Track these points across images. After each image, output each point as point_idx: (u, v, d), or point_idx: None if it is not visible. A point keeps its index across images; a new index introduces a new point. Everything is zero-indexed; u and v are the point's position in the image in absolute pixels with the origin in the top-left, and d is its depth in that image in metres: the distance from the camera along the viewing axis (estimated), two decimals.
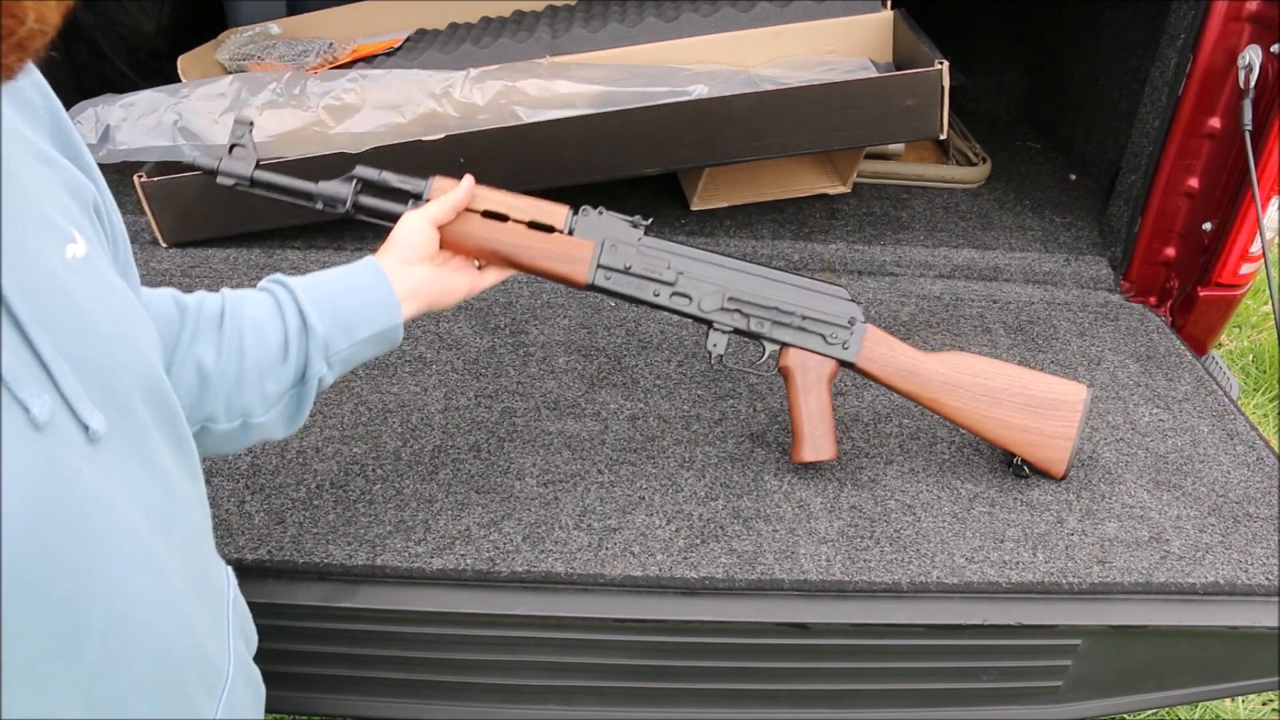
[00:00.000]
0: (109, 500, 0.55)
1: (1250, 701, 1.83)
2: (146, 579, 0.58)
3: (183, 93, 1.68)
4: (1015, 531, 1.19)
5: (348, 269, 0.96)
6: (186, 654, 0.63)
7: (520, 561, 1.11)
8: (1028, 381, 1.22)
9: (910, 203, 1.96)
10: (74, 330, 0.53)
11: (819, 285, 1.20)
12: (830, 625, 1.09)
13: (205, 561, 0.69)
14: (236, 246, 1.68)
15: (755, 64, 1.75)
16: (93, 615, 0.53)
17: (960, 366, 1.22)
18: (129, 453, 0.58)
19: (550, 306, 1.59)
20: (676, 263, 1.16)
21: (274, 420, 0.89)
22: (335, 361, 0.91)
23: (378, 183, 1.07)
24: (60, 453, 0.51)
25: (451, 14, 2.09)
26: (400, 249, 0.99)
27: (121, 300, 0.60)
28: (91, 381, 0.54)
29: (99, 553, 0.53)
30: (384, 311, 0.94)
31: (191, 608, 0.64)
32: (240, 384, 0.84)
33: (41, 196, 0.56)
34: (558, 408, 1.36)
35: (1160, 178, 1.62)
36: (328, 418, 1.32)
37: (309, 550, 1.11)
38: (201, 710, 0.66)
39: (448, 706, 1.17)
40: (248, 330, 0.85)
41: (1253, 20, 1.46)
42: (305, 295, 0.89)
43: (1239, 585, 1.13)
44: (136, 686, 0.58)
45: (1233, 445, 1.36)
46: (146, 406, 0.60)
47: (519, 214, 1.10)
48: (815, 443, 1.21)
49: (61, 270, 0.54)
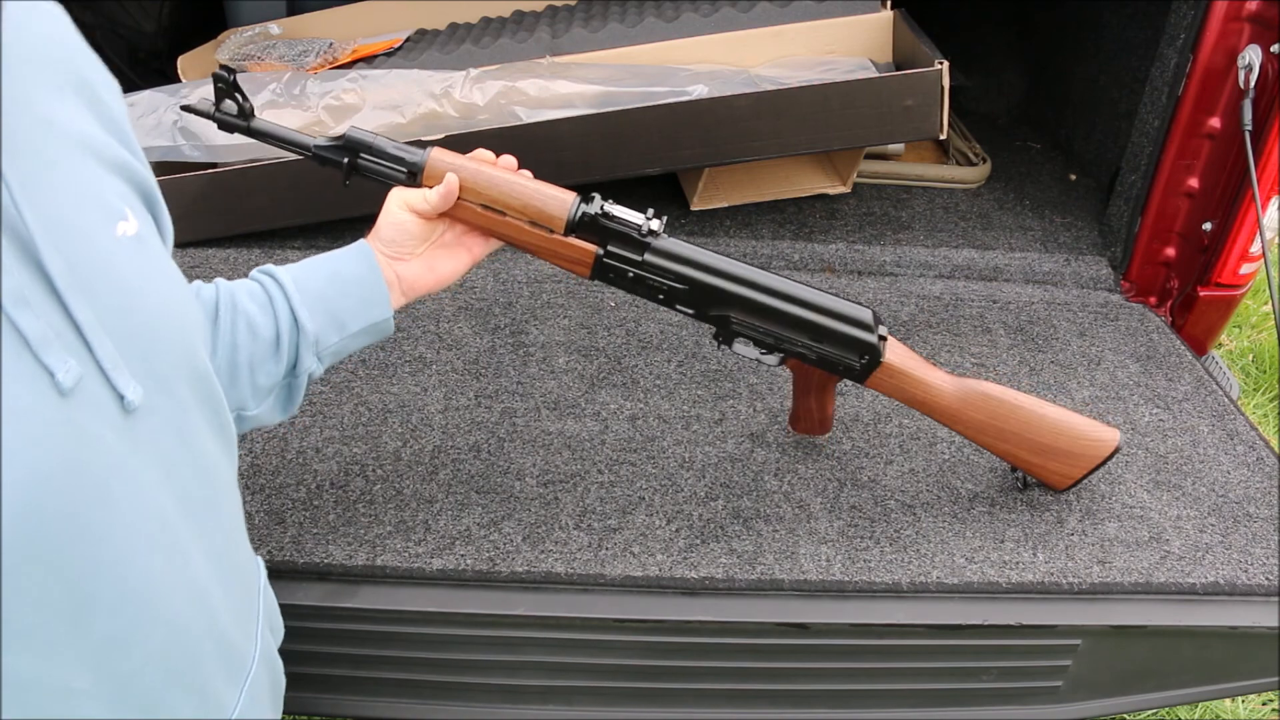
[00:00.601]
0: (134, 474, 0.55)
1: (1250, 701, 1.83)
2: (164, 557, 0.58)
3: (183, 93, 1.68)
4: (1015, 531, 1.19)
5: (340, 257, 0.94)
6: (204, 638, 0.63)
7: (520, 561, 1.11)
8: (1049, 426, 1.16)
9: (910, 203, 1.96)
10: (118, 304, 0.54)
11: (842, 309, 1.10)
12: (830, 625, 1.09)
13: (236, 548, 0.69)
14: (236, 246, 1.68)
15: (755, 64, 1.75)
16: (103, 586, 0.53)
17: (978, 405, 1.15)
18: (166, 430, 0.58)
19: (550, 306, 1.59)
20: (683, 278, 1.07)
21: (266, 411, 0.89)
22: (326, 355, 0.92)
23: (372, 148, 0.99)
24: (86, 420, 0.51)
25: (451, 14, 2.09)
26: (388, 244, 0.97)
27: (171, 282, 0.61)
28: (133, 354, 0.54)
29: (115, 524, 0.53)
30: (375, 306, 0.94)
31: (214, 593, 0.64)
32: (234, 378, 0.85)
33: (95, 176, 0.57)
34: (558, 408, 1.36)
35: (1160, 178, 1.62)
36: (328, 418, 1.32)
37: (309, 550, 1.11)
38: (222, 698, 0.66)
39: (448, 707, 1.17)
40: (240, 326, 0.85)
41: (1253, 20, 1.46)
42: (296, 292, 0.89)
43: (1239, 585, 1.13)
44: (149, 664, 0.58)
45: (1233, 445, 1.36)
46: (190, 388, 0.61)
47: (516, 214, 1.01)
48: (810, 423, 1.26)
49: (111, 245, 0.55)
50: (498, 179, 1.00)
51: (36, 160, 0.51)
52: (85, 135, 0.58)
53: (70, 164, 0.55)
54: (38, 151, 0.52)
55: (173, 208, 0.67)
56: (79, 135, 0.57)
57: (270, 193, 1.63)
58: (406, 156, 0.98)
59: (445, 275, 1.01)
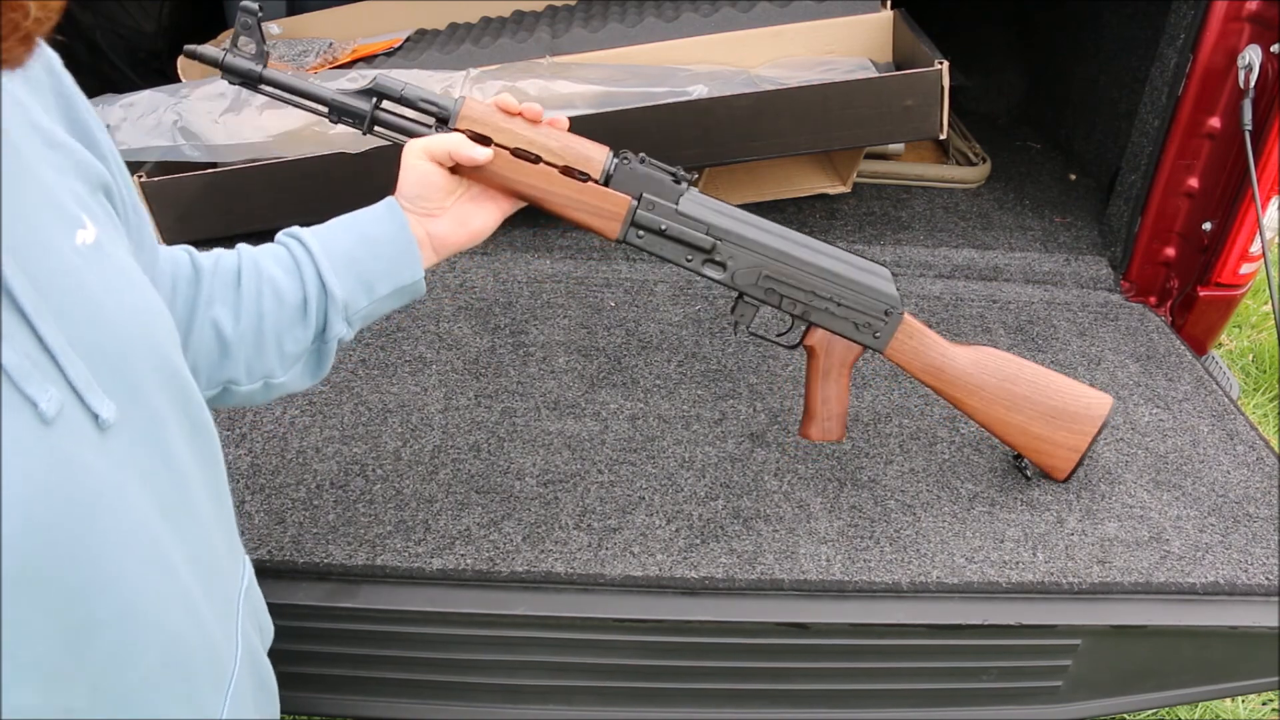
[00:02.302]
0: (119, 490, 0.54)
1: (1250, 701, 1.82)
2: (154, 570, 0.57)
3: (183, 93, 1.68)
4: (1015, 531, 1.19)
5: (367, 217, 0.90)
6: (197, 648, 0.62)
7: (520, 561, 1.11)
8: (1055, 389, 1.19)
9: (910, 203, 1.96)
10: (85, 318, 0.53)
11: (862, 267, 1.12)
12: (830, 625, 1.09)
13: (214, 550, 0.68)
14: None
15: (755, 64, 1.75)
16: (102, 606, 0.53)
17: (989, 368, 1.19)
18: (140, 441, 0.57)
19: (550, 306, 1.59)
20: (716, 228, 1.07)
21: (295, 378, 0.86)
22: (355, 319, 0.88)
23: (400, 98, 0.94)
24: (69, 445, 0.50)
25: (451, 14, 2.09)
26: (414, 199, 0.92)
27: (135, 287, 0.59)
28: (103, 370, 0.53)
29: (108, 543, 0.53)
30: (406, 268, 0.89)
31: (199, 599, 0.63)
32: (260, 347, 0.82)
33: (49, 182, 0.55)
34: (558, 408, 1.36)
35: (1160, 178, 1.62)
36: (328, 418, 1.32)
37: (309, 550, 1.11)
38: (209, 707, 0.65)
39: (448, 706, 1.17)
40: (265, 292, 0.82)
41: (1253, 20, 1.46)
42: (324, 255, 0.85)
43: (1239, 585, 1.13)
44: (148, 680, 0.57)
45: (1233, 445, 1.36)
46: (162, 394, 0.60)
47: (552, 157, 0.98)
48: (825, 424, 1.19)
49: (72, 258, 0.53)
50: (532, 126, 0.97)
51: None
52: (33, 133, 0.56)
53: (24, 171, 0.53)
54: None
55: (173, 208, 0.66)
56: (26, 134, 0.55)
57: (270, 193, 1.63)
58: (439, 102, 0.95)
59: (478, 230, 0.96)
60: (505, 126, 0.96)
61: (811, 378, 1.18)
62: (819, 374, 1.17)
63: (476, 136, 0.95)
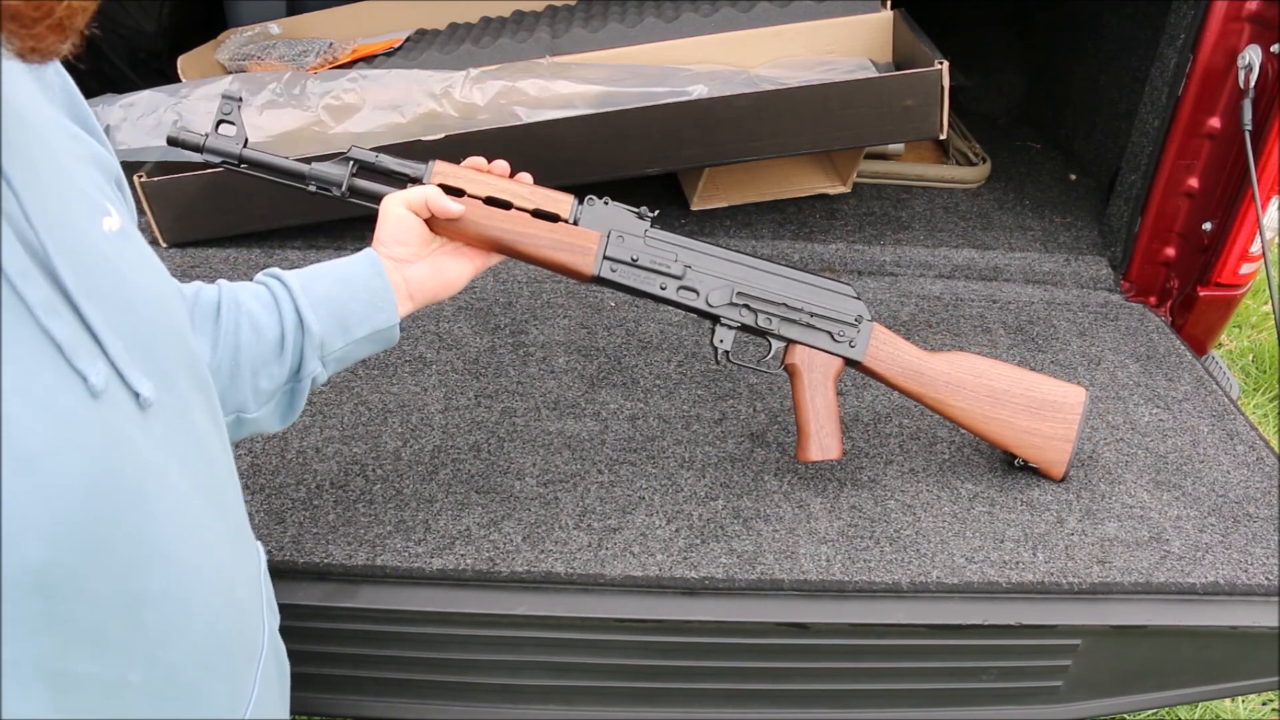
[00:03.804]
0: (161, 468, 0.55)
1: (1250, 701, 1.83)
2: (197, 548, 0.59)
3: (183, 93, 1.69)
4: (1015, 531, 1.19)
5: (346, 264, 0.95)
6: (233, 624, 0.64)
7: (520, 561, 1.11)
8: (1030, 383, 1.22)
9: (910, 203, 1.96)
10: (118, 302, 0.54)
11: (826, 283, 1.19)
12: (830, 625, 1.09)
13: (243, 534, 0.70)
14: (236, 246, 1.68)
15: (755, 64, 1.75)
16: (151, 580, 0.54)
17: (964, 366, 1.22)
18: (175, 423, 0.58)
19: (550, 306, 1.59)
20: (684, 255, 1.13)
21: (267, 416, 0.89)
22: (330, 360, 0.91)
23: (374, 166, 1.02)
24: (117, 420, 0.51)
25: (451, 14, 2.09)
26: (392, 246, 0.97)
27: (157, 274, 0.61)
28: (137, 352, 0.54)
29: (155, 519, 0.54)
30: (382, 312, 0.94)
31: (235, 578, 0.65)
32: (235, 379, 0.84)
33: (74, 171, 0.57)
34: (558, 408, 1.36)
35: (1160, 178, 1.62)
36: (328, 418, 1.32)
37: (309, 550, 1.11)
38: (244, 683, 0.66)
39: (448, 707, 1.17)
40: (244, 325, 0.85)
41: (1253, 20, 1.46)
42: (303, 293, 0.89)
43: (1239, 585, 1.13)
44: (191, 655, 0.59)
45: (1233, 445, 1.36)
46: (187, 377, 0.61)
47: (523, 201, 1.05)
48: (822, 442, 1.19)
49: (102, 244, 0.55)
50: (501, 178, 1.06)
51: (24, 159, 0.51)
52: (54, 124, 0.57)
53: (52, 160, 0.55)
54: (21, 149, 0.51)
55: (173, 208, 0.67)
56: (49, 124, 0.56)
57: (270, 193, 1.62)
58: (411, 167, 1.02)
59: (453, 279, 1.02)
60: (476, 178, 1.03)
61: (799, 397, 1.20)
62: (805, 390, 1.19)
63: (450, 190, 1.02)
